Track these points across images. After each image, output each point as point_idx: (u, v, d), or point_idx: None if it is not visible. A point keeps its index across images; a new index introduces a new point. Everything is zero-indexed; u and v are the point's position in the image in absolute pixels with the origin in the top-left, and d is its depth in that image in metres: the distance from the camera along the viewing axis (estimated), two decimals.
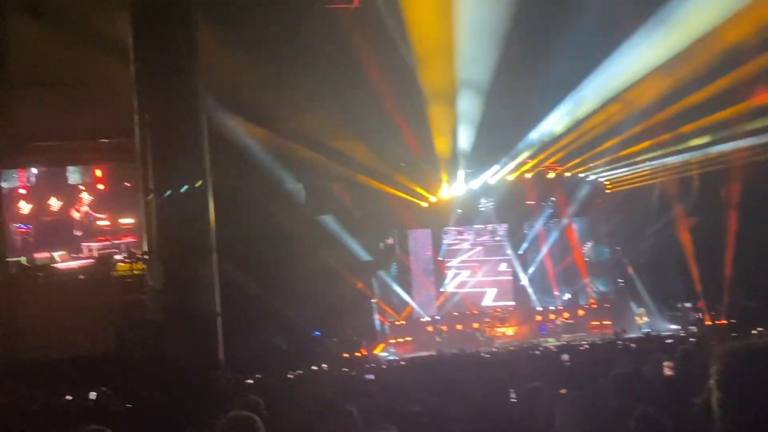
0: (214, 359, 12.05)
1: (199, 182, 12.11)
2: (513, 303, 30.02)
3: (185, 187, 11.92)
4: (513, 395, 7.94)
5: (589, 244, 30.54)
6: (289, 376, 15.71)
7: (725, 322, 24.23)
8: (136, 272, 16.61)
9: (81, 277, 19.33)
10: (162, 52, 12.05)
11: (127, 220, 21.18)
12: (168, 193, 12.06)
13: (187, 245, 12.14)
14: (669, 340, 16.75)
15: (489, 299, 30.12)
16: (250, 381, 14.54)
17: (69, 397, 14.22)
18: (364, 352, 23.88)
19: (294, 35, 19.20)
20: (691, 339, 17.08)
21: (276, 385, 12.91)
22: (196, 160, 12.10)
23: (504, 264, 30.74)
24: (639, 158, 26.37)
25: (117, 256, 20.03)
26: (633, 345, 15.86)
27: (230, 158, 18.12)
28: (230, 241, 15.37)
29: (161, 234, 12.21)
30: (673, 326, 26.10)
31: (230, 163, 18.01)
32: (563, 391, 6.33)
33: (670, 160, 25.50)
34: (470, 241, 30.83)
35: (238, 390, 11.96)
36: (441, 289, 30.14)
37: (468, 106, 22.96)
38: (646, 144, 24.68)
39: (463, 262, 30.72)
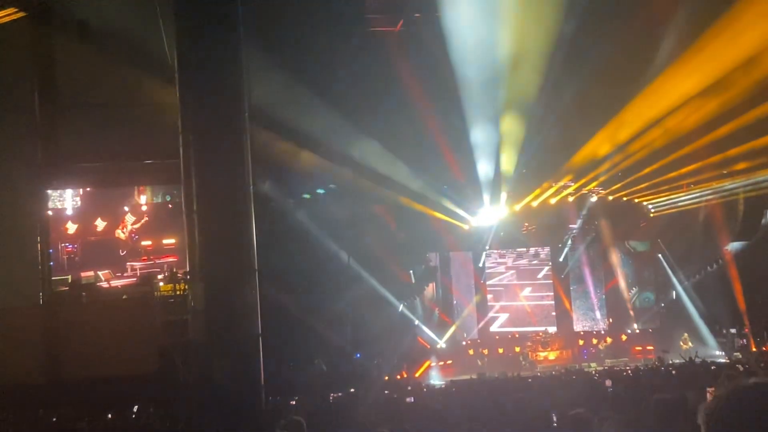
0: (256, 380, 12.02)
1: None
2: (555, 327, 29.70)
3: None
4: (555, 419, 7.82)
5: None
6: (330, 398, 15.66)
7: None
8: (178, 292, 16.71)
9: (124, 296, 19.54)
10: (207, 72, 12.16)
11: (169, 240, 21.40)
12: (211, 213, 12.13)
13: (229, 266, 12.17)
14: (713, 367, 16.38)
15: (531, 322, 29.83)
16: (293, 402, 14.53)
17: (110, 416, 14.33)
18: (405, 375, 23.75)
19: (338, 57, 19.32)
20: (736, 365, 16.71)
21: (317, 407, 12.87)
22: (240, 180, 12.15)
23: (546, 287, 30.46)
24: (682, 182, 26.01)
25: (159, 276, 20.23)
26: (675, 371, 15.54)
27: (274, 180, 18.22)
28: (272, 262, 15.40)
29: (203, 254, 12.26)
30: (718, 352, 25.60)
31: (273, 185, 18.11)
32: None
33: (714, 184, 25.13)
34: (512, 263, 30.63)
35: (279, 411, 11.94)
36: (482, 312, 29.94)
37: (511, 128, 22.88)
38: (689, 168, 24.33)
39: (504, 285, 30.51)
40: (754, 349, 24.26)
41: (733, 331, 25.85)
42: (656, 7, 17.79)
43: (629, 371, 18.56)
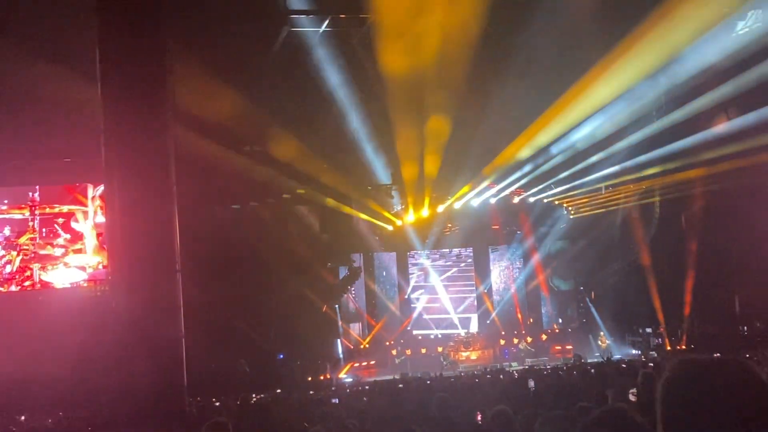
0: (179, 382, 11.88)
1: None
2: (477, 327, 30.09)
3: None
4: (479, 418, 7.95)
5: (551, 273, 30.77)
6: (252, 399, 15.59)
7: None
8: (99, 293, 16.42)
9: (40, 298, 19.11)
10: (129, 70, 11.95)
11: (91, 241, 20.99)
12: (133, 213, 11.94)
13: (151, 267, 11.99)
14: (623, 365, 16.93)
15: (453, 323, 30.15)
16: (217, 403, 14.42)
17: (22, 418, 13.97)
18: (328, 376, 23.76)
19: (263, 59, 19.21)
20: (650, 363, 17.27)
21: (240, 409, 12.79)
22: (163, 180, 11.99)
23: (469, 288, 30.84)
24: (601, 184, 26.69)
25: (82, 276, 19.83)
26: (593, 370, 15.94)
27: (197, 179, 18.02)
28: (195, 263, 15.24)
29: (125, 255, 12.05)
30: (634, 351, 26.33)
31: (197, 185, 17.91)
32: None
33: (631, 186, 25.84)
34: (435, 265, 30.92)
35: (203, 413, 11.84)
36: (406, 313, 30.14)
37: (435, 130, 23.09)
38: (607, 170, 24.98)
39: (427, 286, 30.77)
40: (668, 348, 25.04)
41: (648, 330, 26.62)
42: (577, 13, 18.19)
43: (549, 370, 18.94)
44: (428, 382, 17.98)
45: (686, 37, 17.43)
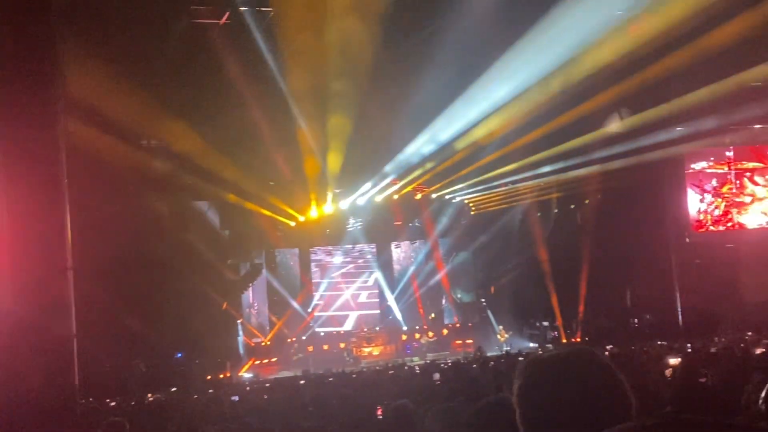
0: (70, 382, 11.51)
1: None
2: (379, 323, 30.24)
3: None
4: (380, 412, 7.97)
5: (453, 257, 31.23)
6: (149, 398, 15.27)
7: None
8: None
9: None
10: (19, 60, 11.50)
11: None
12: (22, 208, 11.50)
13: (41, 264, 11.58)
14: (520, 358, 17.32)
15: (355, 319, 30.22)
16: (112, 404, 14.05)
17: None
18: (228, 374, 23.47)
19: (161, 50, 18.76)
20: None
21: (136, 409, 12.51)
22: (53, 175, 11.59)
23: (371, 284, 30.97)
24: (501, 181, 27.18)
25: None
26: (492, 363, 16.25)
27: (90, 174, 17.48)
28: (88, 260, 14.80)
29: (12, 252, 11.61)
30: (532, 344, 26.93)
31: (90, 180, 17.38)
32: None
33: (529, 183, 26.42)
34: (338, 261, 30.93)
35: (96, 413, 11.52)
36: (308, 309, 30.05)
37: (338, 126, 23.04)
38: (507, 168, 25.46)
39: (330, 282, 30.76)
40: (564, 341, 25.72)
41: (545, 323, 27.28)
42: (477, 11, 18.42)
43: (449, 364, 19.17)
44: (330, 378, 17.96)
45: (581, 37, 17.89)
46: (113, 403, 14.61)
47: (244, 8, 19.19)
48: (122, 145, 19.94)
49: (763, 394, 2.10)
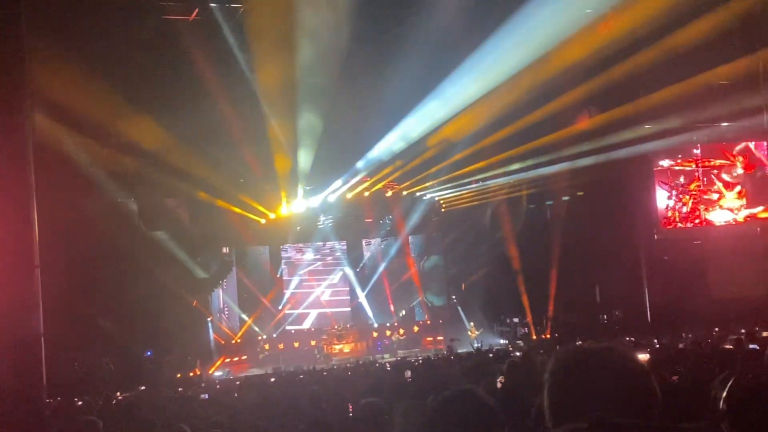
0: (38, 381, 11.42)
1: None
2: (350, 320, 30.24)
3: None
4: (350, 410, 8.00)
5: (424, 261, 31.34)
6: (118, 397, 15.17)
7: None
8: None
9: None
10: None
11: None
12: None
13: (8, 262, 11.47)
14: (490, 354, 17.45)
15: (326, 316, 30.20)
16: (79, 403, 13.93)
17: None
18: (198, 372, 23.38)
19: (130, 46, 18.61)
20: (516, 352, 17.84)
21: (104, 408, 12.42)
22: (20, 172, 11.47)
23: (342, 281, 30.96)
24: (471, 179, 27.29)
25: None
26: (462, 360, 16.28)
27: (58, 172, 17.31)
28: (56, 258, 14.68)
29: None
30: (502, 341, 27.08)
31: (58, 177, 17.22)
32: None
33: (500, 181, 26.56)
34: (309, 258, 30.87)
35: (64, 413, 11.43)
36: (279, 307, 29.97)
37: (308, 123, 23.01)
38: (477, 165, 25.58)
39: (301, 279, 30.69)
40: (534, 337, 25.90)
41: (516, 320, 27.45)
42: (448, 9, 18.48)
43: (420, 361, 19.23)
44: (301, 376, 17.96)
45: (550, 35, 18.04)
46: (80, 402, 14.49)
47: (213, 4, 19.12)
48: (91, 142, 19.76)
49: (724, 394, 2.14)
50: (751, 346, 10.38)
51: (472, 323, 28.10)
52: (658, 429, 1.74)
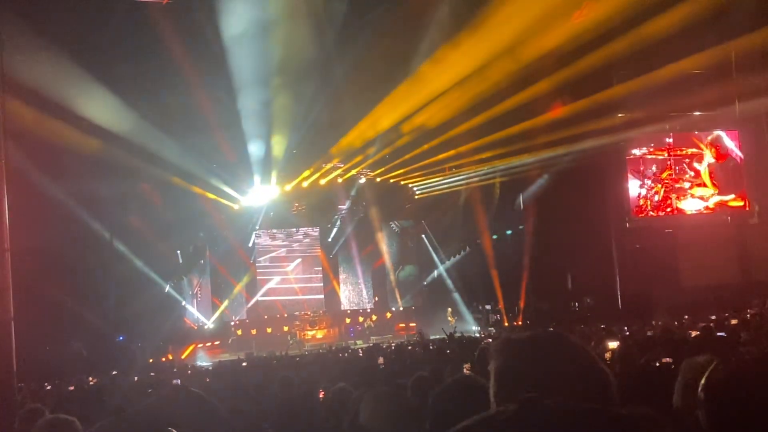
0: (8, 366, 11.34)
1: None
2: (323, 306, 30.29)
3: None
4: (321, 395, 8.03)
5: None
6: (89, 382, 15.12)
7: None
8: None
9: None
10: None
11: None
12: None
13: None
14: (464, 341, 17.49)
15: (300, 302, 30.22)
16: (48, 387, 13.88)
17: None
18: (171, 357, 23.33)
19: (102, 30, 18.42)
20: (488, 339, 17.93)
21: (75, 393, 12.38)
22: None
23: (315, 267, 30.98)
24: (445, 166, 27.35)
25: None
26: (434, 346, 16.34)
27: (29, 156, 17.16)
28: (27, 242, 14.57)
29: None
30: (475, 327, 27.23)
31: (29, 161, 17.08)
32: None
33: (473, 168, 26.64)
34: (282, 244, 30.84)
35: (33, 397, 11.40)
36: (251, 292, 29.95)
37: (282, 109, 22.92)
38: (451, 152, 25.64)
39: (274, 265, 30.67)
40: (506, 324, 26.09)
41: (488, 307, 27.62)
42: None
43: (393, 347, 19.30)
44: (273, 361, 17.96)
45: (523, 24, 18.10)
46: (49, 387, 14.44)
47: None
48: (63, 126, 19.57)
49: (702, 382, 2.16)
50: (719, 334, 10.52)
51: (449, 309, 28.21)
52: (592, 411, 1.76)
